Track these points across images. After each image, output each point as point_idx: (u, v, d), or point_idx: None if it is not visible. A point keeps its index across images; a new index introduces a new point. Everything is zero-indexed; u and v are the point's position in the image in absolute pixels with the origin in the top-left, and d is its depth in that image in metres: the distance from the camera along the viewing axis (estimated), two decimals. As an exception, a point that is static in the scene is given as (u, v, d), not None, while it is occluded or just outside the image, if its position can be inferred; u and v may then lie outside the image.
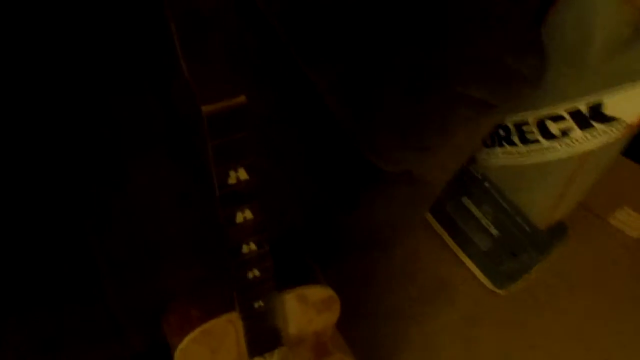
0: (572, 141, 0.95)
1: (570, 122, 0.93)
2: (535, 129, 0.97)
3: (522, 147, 1.01)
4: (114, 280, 0.75)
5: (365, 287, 1.25)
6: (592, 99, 0.89)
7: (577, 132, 0.93)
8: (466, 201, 1.24)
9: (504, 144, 1.05)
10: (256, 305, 0.68)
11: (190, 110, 0.48)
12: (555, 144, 0.96)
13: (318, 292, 0.75)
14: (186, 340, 0.68)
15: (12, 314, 0.74)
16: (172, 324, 0.72)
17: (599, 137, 0.93)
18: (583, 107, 0.90)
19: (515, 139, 1.01)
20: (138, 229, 0.77)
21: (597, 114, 0.90)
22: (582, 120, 0.92)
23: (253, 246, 0.61)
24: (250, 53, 0.96)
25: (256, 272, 0.64)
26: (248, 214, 0.57)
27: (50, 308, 0.74)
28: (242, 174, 0.53)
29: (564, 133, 0.94)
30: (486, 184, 1.18)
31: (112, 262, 0.75)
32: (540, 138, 0.97)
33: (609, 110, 0.89)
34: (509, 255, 1.22)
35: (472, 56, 0.75)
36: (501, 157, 1.08)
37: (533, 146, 0.99)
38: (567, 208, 1.14)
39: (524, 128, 0.98)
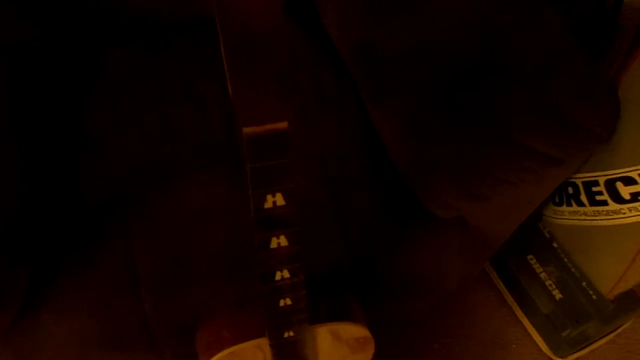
0: (643, 207, 0.89)
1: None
2: (604, 190, 0.92)
3: (589, 208, 0.96)
4: (152, 288, 0.77)
5: (410, 332, 1.21)
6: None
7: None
8: (531, 259, 1.19)
9: (572, 202, 1.00)
10: (286, 334, 0.67)
11: (238, 133, 0.48)
12: (624, 207, 0.90)
13: (353, 330, 0.73)
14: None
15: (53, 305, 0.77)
16: (203, 342, 0.73)
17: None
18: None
19: (584, 199, 0.97)
20: (184, 241, 0.79)
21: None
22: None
23: (286, 274, 0.61)
24: (322, 87, 0.98)
25: (288, 301, 0.63)
26: (283, 241, 0.57)
27: (88, 305, 0.77)
28: (279, 200, 0.53)
29: (635, 197, 0.89)
30: (554, 244, 1.13)
31: (153, 270, 0.77)
32: (609, 200, 0.92)
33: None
34: (572, 321, 1.15)
35: (538, 107, 0.72)
36: (568, 217, 1.03)
37: (601, 208, 0.94)
38: (638, 278, 1.07)
39: (594, 189, 0.94)
